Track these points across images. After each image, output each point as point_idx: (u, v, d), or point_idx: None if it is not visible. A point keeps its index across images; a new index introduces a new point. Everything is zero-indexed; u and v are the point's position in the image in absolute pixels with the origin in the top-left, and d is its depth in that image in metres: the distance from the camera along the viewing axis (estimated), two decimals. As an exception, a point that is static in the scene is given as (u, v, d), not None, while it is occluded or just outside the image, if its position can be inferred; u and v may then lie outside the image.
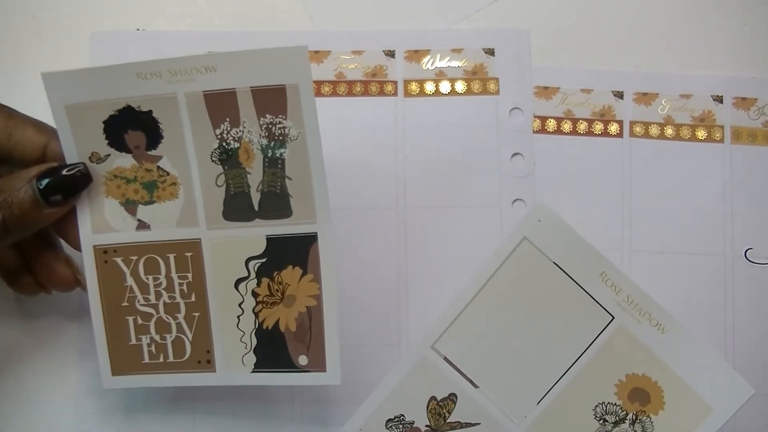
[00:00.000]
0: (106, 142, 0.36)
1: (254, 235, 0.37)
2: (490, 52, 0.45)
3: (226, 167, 0.36)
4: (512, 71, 0.44)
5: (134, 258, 0.37)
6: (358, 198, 0.43)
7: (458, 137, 0.44)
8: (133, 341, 0.38)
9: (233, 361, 0.37)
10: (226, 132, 0.35)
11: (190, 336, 0.38)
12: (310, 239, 0.36)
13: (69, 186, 0.35)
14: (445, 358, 0.39)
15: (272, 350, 0.37)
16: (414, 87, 0.44)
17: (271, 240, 0.37)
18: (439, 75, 0.44)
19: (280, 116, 0.35)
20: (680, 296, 0.43)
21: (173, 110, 0.35)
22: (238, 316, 0.37)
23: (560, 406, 0.38)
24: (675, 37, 0.45)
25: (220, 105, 0.35)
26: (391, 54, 0.44)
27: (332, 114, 0.44)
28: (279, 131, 0.35)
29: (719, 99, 0.45)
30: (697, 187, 0.44)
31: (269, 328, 0.37)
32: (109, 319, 0.37)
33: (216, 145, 0.36)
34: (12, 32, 0.44)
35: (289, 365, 0.37)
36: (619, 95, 0.45)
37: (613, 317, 0.38)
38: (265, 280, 0.37)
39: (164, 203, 0.37)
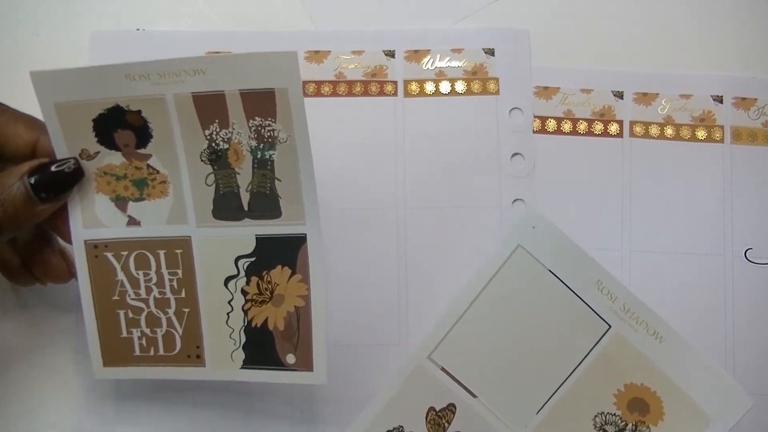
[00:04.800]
0: (96, 139, 0.36)
1: (244, 235, 0.37)
2: (490, 52, 0.45)
3: (216, 167, 0.36)
4: (512, 71, 0.44)
5: (125, 253, 0.37)
6: (358, 198, 0.43)
7: (458, 137, 0.44)
8: (124, 334, 0.38)
9: (222, 357, 0.38)
10: (215, 133, 0.35)
11: (180, 331, 0.38)
12: (299, 240, 0.36)
13: (61, 181, 0.35)
14: (443, 369, 0.39)
15: (260, 348, 0.37)
16: (414, 87, 0.44)
17: (260, 239, 0.37)
18: (439, 75, 0.44)
19: (270, 119, 0.35)
20: (680, 296, 0.43)
21: (162, 111, 0.35)
22: (228, 313, 0.37)
23: (560, 415, 0.38)
24: (675, 37, 0.45)
25: (209, 106, 0.35)
26: (391, 54, 0.44)
27: (332, 114, 0.44)
28: (268, 134, 0.35)
29: (719, 99, 0.45)
30: (697, 187, 0.44)
31: (258, 326, 0.37)
32: (100, 312, 0.38)
33: (205, 146, 0.36)
34: (12, 32, 0.44)
35: (277, 363, 0.37)
36: (619, 95, 0.45)
37: (610, 326, 0.38)
38: (254, 279, 0.37)
39: (154, 201, 0.37)
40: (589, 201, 0.44)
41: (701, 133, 0.44)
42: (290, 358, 0.37)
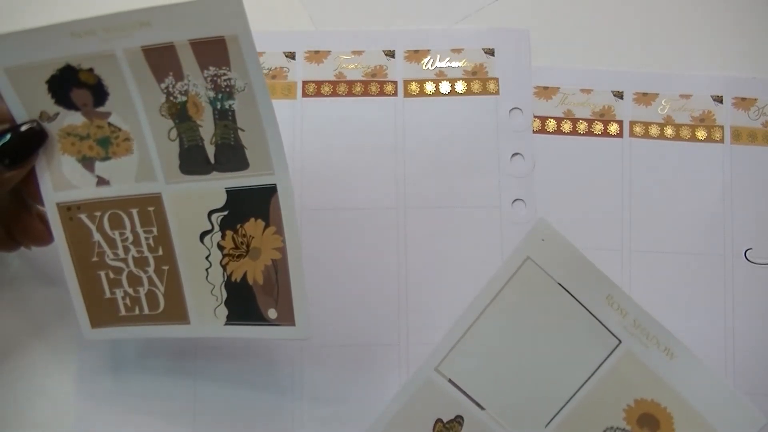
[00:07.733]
0: (53, 100, 0.36)
1: (213, 188, 0.36)
2: (490, 52, 0.45)
3: (177, 121, 0.36)
4: (512, 71, 0.44)
5: (98, 214, 0.37)
6: (358, 198, 0.43)
7: (458, 137, 0.44)
8: (108, 295, 0.38)
9: (206, 314, 0.38)
10: (171, 86, 0.35)
11: (162, 289, 0.38)
12: (270, 191, 0.36)
13: (25, 146, 0.35)
14: (450, 380, 0.39)
15: (242, 303, 0.37)
16: (414, 87, 0.44)
17: (231, 192, 0.36)
18: (439, 75, 0.44)
19: (224, 68, 0.34)
20: (680, 296, 0.43)
21: (114, 67, 0.35)
22: (206, 269, 0.37)
23: (569, 429, 0.38)
24: (675, 37, 0.45)
25: (161, 59, 0.34)
26: (391, 54, 0.44)
27: (332, 114, 0.44)
28: (225, 83, 0.34)
29: (719, 99, 0.45)
30: (697, 187, 0.44)
31: (237, 280, 0.37)
32: (82, 275, 0.38)
33: (163, 99, 0.35)
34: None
35: (260, 318, 0.37)
36: (619, 95, 0.45)
37: (620, 341, 0.37)
38: (229, 233, 0.37)
39: (120, 159, 0.37)
40: (589, 201, 0.44)
41: (701, 133, 0.44)
42: (272, 313, 0.37)
